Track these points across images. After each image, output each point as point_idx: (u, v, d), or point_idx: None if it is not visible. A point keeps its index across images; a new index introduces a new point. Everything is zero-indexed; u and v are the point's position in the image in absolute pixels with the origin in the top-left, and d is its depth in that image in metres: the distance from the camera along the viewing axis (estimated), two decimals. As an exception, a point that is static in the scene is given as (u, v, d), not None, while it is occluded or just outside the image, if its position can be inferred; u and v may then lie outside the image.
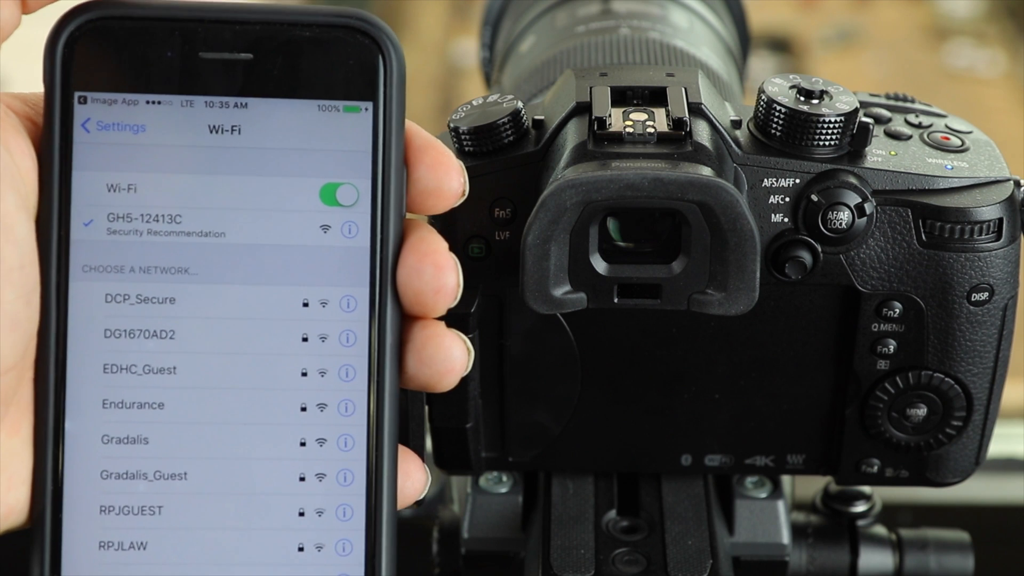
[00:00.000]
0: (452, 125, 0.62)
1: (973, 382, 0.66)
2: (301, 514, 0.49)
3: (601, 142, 0.58)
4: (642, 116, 0.60)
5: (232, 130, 0.49)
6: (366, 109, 0.49)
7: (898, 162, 0.62)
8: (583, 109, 0.61)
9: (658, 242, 0.59)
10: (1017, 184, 0.63)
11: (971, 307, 0.63)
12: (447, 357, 0.50)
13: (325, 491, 0.49)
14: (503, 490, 0.72)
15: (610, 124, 0.59)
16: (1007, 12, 3.24)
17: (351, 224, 0.49)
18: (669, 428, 0.68)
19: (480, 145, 0.61)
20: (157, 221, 0.49)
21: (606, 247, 0.59)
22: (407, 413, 0.63)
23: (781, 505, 0.71)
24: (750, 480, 0.72)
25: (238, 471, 0.49)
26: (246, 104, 0.49)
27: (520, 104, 0.62)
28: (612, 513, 0.69)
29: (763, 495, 0.71)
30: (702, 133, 0.59)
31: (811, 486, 0.76)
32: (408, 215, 0.50)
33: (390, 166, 0.49)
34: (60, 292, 0.48)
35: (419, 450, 0.63)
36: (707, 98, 0.61)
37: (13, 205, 0.46)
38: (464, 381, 0.65)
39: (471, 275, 0.63)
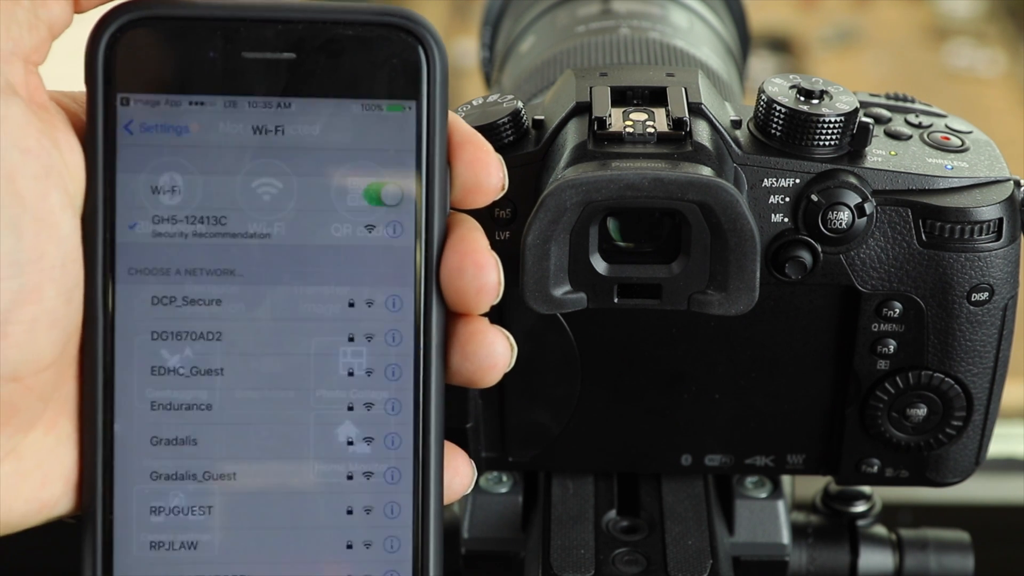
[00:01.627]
0: (452, 125, 0.62)
1: (973, 382, 0.66)
2: (349, 512, 0.50)
3: (601, 142, 0.58)
4: (642, 116, 0.60)
5: (276, 130, 0.49)
6: (409, 108, 0.49)
7: (898, 162, 0.62)
8: (583, 109, 0.61)
9: (658, 242, 0.59)
10: (1017, 184, 0.63)
11: (971, 307, 0.63)
12: (490, 353, 0.50)
13: (373, 489, 0.50)
14: (503, 490, 0.72)
15: (610, 124, 0.59)
16: (1007, 12, 3.24)
17: (396, 224, 0.49)
18: (669, 428, 0.68)
19: (480, 145, 0.61)
20: (202, 223, 0.49)
21: (606, 247, 0.59)
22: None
23: (781, 505, 0.71)
24: (750, 480, 0.72)
25: (286, 470, 0.49)
26: (290, 104, 0.49)
27: (520, 104, 0.62)
28: (612, 513, 0.69)
29: (763, 495, 0.71)
30: (702, 133, 0.59)
31: (811, 486, 0.76)
32: (452, 210, 0.51)
33: (434, 165, 0.49)
34: (106, 293, 0.48)
35: None
36: (707, 98, 0.61)
37: (59, 203, 0.46)
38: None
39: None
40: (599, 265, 0.58)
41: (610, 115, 0.59)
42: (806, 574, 0.73)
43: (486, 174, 0.50)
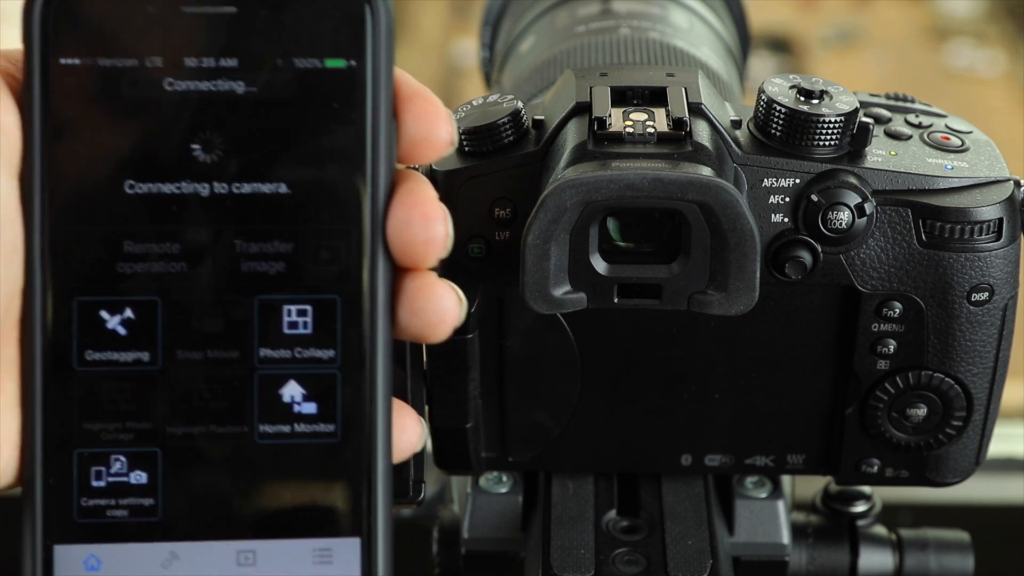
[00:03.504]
0: (452, 125, 0.62)
1: (973, 382, 0.66)
2: (296, 473, 0.49)
3: (601, 142, 0.58)
4: (642, 116, 0.60)
5: (217, 87, 0.48)
6: (354, 63, 0.48)
7: (898, 162, 0.62)
8: (583, 109, 0.61)
9: (658, 242, 0.59)
10: (1017, 184, 0.63)
11: (971, 307, 0.63)
12: (439, 307, 0.50)
13: (320, 449, 0.49)
14: (503, 490, 0.72)
15: (610, 124, 0.59)
16: (1007, 12, 3.24)
17: (341, 178, 0.49)
18: (669, 428, 0.68)
19: (480, 145, 0.61)
20: (142, 182, 0.48)
21: (606, 247, 0.59)
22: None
23: (781, 505, 0.71)
24: (750, 480, 0.72)
25: (229, 432, 0.49)
26: (232, 60, 0.48)
27: (520, 104, 0.62)
28: (612, 513, 0.69)
29: (763, 495, 0.71)
30: (702, 133, 0.59)
31: (811, 486, 0.76)
32: (399, 166, 0.50)
33: (379, 120, 0.49)
34: (43, 255, 0.48)
35: (419, 450, 0.63)
36: (707, 98, 0.61)
37: None
38: (464, 381, 0.65)
39: (471, 275, 0.63)
40: (599, 265, 0.58)
41: (610, 115, 0.59)
42: (806, 574, 0.73)
43: (435, 128, 0.49)
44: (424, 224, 0.49)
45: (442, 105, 0.50)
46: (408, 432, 0.51)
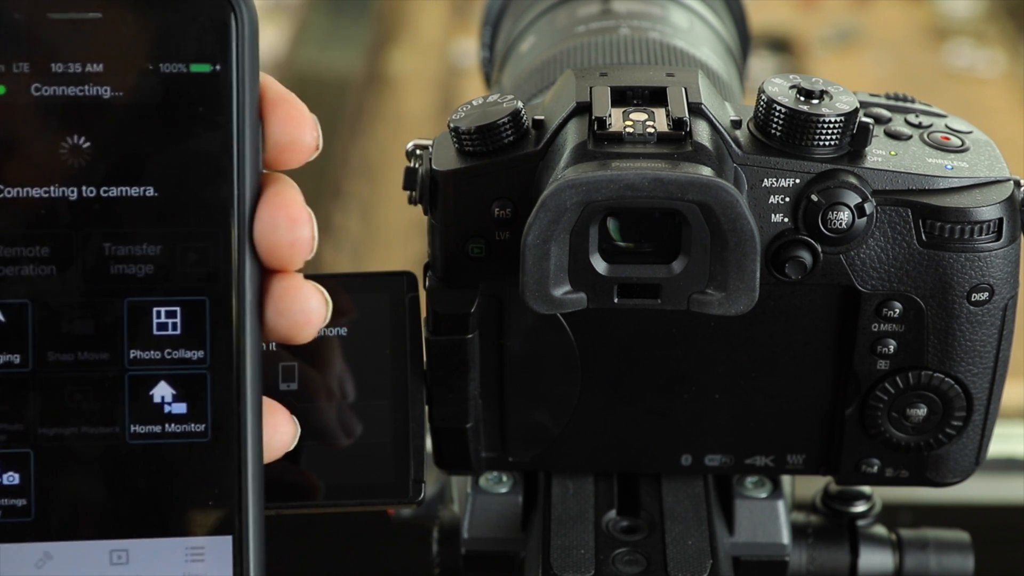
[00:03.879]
0: (452, 125, 0.62)
1: (973, 382, 0.66)
2: (168, 473, 0.50)
3: (601, 142, 0.58)
4: (642, 116, 0.60)
5: (84, 92, 0.48)
6: (218, 67, 0.49)
7: (898, 162, 0.62)
8: (583, 109, 0.61)
9: (658, 242, 0.59)
10: (1017, 184, 0.63)
11: (971, 307, 0.63)
12: (305, 308, 0.50)
13: (190, 450, 0.50)
14: (503, 490, 0.72)
15: (610, 124, 0.59)
16: (1007, 12, 3.24)
17: (207, 182, 0.49)
18: (669, 428, 0.68)
19: (480, 145, 0.61)
20: (9, 186, 0.48)
21: (606, 247, 0.59)
22: (407, 408, 0.63)
23: (781, 505, 0.71)
24: (750, 480, 0.72)
25: (101, 434, 0.49)
26: (98, 65, 0.48)
27: (520, 104, 0.62)
28: (612, 513, 0.69)
29: (763, 495, 0.71)
30: (702, 133, 0.59)
31: (811, 486, 0.76)
32: (266, 171, 0.51)
33: (244, 124, 0.49)
34: None
35: (420, 450, 0.63)
36: (707, 98, 0.61)
37: None
38: (464, 381, 0.65)
39: (471, 275, 0.63)
40: (599, 265, 0.58)
41: (610, 115, 0.59)
42: (806, 574, 0.73)
43: (300, 132, 0.50)
44: (290, 226, 0.49)
45: (307, 110, 0.50)
46: (280, 432, 0.52)
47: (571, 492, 0.70)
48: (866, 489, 0.75)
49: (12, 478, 0.49)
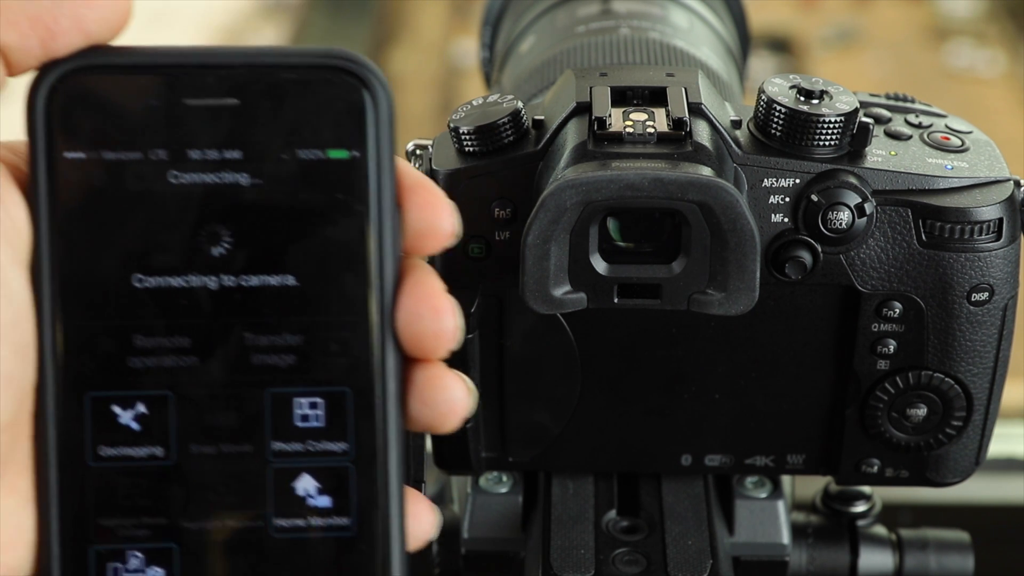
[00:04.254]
0: (452, 125, 0.62)
1: (973, 382, 0.66)
2: (311, 567, 0.49)
3: (601, 142, 0.58)
4: (642, 116, 0.60)
5: (221, 179, 0.47)
6: (355, 154, 0.48)
7: (898, 162, 0.62)
8: (583, 109, 0.61)
9: (658, 242, 0.59)
10: (1017, 184, 0.63)
11: (971, 307, 0.63)
12: (449, 398, 0.49)
13: (334, 543, 0.49)
14: (503, 490, 0.72)
15: (610, 124, 0.59)
16: (1007, 12, 3.24)
17: (347, 271, 0.48)
18: (669, 428, 0.68)
19: (480, 145, 0.61)
20: (151, 276, 0.48)
21: (606, 247, 0.59)
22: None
23: (781, 505, 0.71)
24: (750, 480, 0.72)
25: (243, 527, 0.48)
26: (235, 152, 0.47)
27: (520, 104, 0.62)
28: (612, 513, 0.69)
29: (763, 495, 0.71)
30: (702, 133, 0.59)
31: (811, 486, 0.76)
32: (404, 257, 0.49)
33: (384, 211, 0.48)
34: (55, 349, 0.47)
35: (420, 450, 0.63)
36: (707, 98, 0.61)
37: (8, 258, 0.45)
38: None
39: (471, 275, 0.63)
40: (599, 265, 0.58)
41: (610, 115, 0.59)
42: (806, 574, 0.73)
43: (438, 219, 0.49)
44: (434, 317, 0.48)
45: (444, 195, 0.49)
46: (422, 520, 0.50)
47: (571, 492, 0.70)
48: (866, 489, 0.75)
49: (157, 573, 0.48)
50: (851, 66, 3.01)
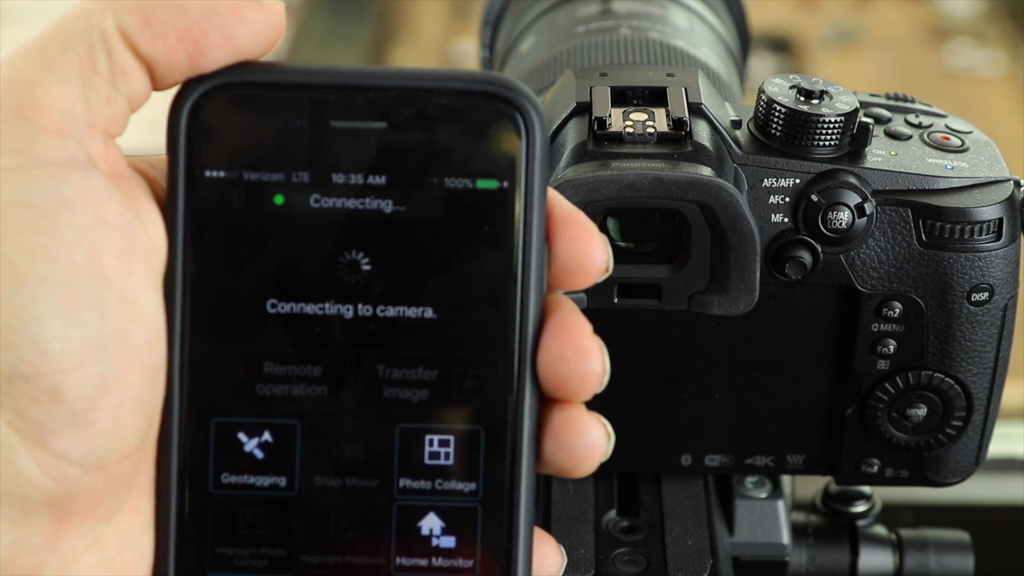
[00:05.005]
0: (452, 125, 0.62)
1: (973, 382, 0.66)
2: None
3: (601, 142, 0.58)
4: (642, 116, 0.60)
5: (365, 205, 0.46)
6: (506, 183, 0.46)
7: (898, 162, 0.62)
8: (583, 109, 0.61)
9: (658, 242, 0.59)
10: (1017, 184, 0.63)
11: (971, 307, 0.63)
12: (587, 442, 0.47)
13: None
14: (503, 490, 0.72)
15: (610, 124, 0.59)
16: (1007, 12, 3.24)
17: (490, 306, 0.46)
18: (669, 428, 0.68)
19: (480, 145, 0.61)
20: (285, 302, 0.46)
21: (606, 247, 0.59)
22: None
23: (781, 505, 0.71)
24: (750, 480, 0.72)
25: (366, 563, 0.47)
26: (381, 177, 0.46)
27: (520, 104, 0.62)
28: (612, 513, 0.69)
29: (763, 495, 0.71)
30: (702, 133, 0.59)
31: (811, 486, 0.76)
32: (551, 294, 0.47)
33: (531, 244, 0.46)
34: (183, 373, 0.46)
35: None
36: (707, 98, 0.61)
37: (143, 281, 0.44)
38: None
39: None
40: (599, 265, 0.58)
41: (610, 115, 0.59)
42: (806, 574, 0.73)
43: (590, 255, 0.47)
44: (581, 359, 0.46)
45: (596, 229, 0.47)
46: (548, 563, 0.48)
47: (571, 492, 0.70)
48: (866, 489, 0.75)
49: None
50: (851, 66, 3.01)
